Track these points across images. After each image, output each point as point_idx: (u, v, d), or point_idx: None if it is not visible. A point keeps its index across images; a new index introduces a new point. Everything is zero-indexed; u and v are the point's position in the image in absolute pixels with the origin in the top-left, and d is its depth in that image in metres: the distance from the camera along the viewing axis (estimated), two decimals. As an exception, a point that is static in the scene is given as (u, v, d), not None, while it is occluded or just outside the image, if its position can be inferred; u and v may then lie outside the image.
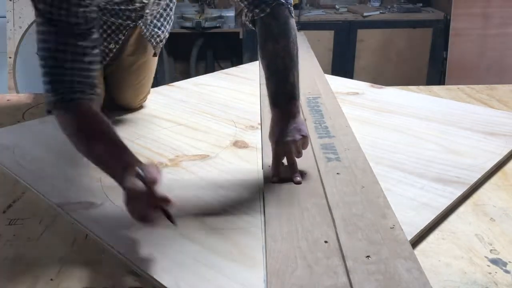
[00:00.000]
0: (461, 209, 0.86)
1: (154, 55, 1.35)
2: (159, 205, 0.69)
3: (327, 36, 3.25)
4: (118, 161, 0.76)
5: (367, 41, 3.33)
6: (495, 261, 0.72)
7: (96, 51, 0.87)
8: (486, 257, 0.73)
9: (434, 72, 3.42)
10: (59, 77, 0.84)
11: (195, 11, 3.46)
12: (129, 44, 1.28)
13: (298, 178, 0.89)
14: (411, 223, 0.78)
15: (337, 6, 3.43)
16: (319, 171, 0.93)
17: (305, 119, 1.19)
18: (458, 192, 0.88)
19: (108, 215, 0.81)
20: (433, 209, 0.82)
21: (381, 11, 3.35)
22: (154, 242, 0.73)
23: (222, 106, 1.37)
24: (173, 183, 0.92)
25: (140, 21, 1.23)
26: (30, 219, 0.84)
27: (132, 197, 0.70)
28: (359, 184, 0.88)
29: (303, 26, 3.08)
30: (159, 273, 0.66)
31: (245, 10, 0.98)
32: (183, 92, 1.52)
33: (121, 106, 1.33)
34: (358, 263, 0.66)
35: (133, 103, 1.34)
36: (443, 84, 3.21)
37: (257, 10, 0.95)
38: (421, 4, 3.41)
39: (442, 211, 0.82)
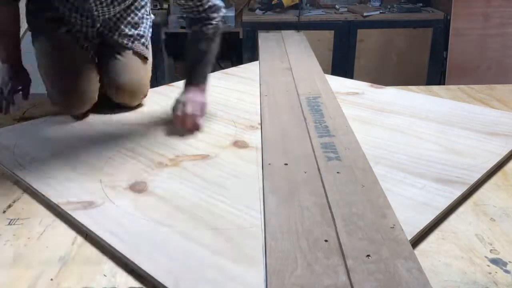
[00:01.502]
0: (461, 209, 0.86)
1: (145, 59, 1.39)
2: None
3: (327, 36, 3.25)
4: None
5: (367, 41, 3.33)
6: (495, 261, 0.72)
7: None
8: (486, 257, 0.73)
9: (434, 72, 3.42)
10: None
11: (195, 11, 3.45)
12: None
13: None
14: (411, 223, 0.78)
15: (337, 6, 3.43)
16: (319, 170, 0.93)
17: (305, 118, 1.19)
18: (458, 192, 0.88)
19: (108, 215, 0.81)
20: (433, 209, 0.82)
21: (381, 11, 3.35)
22: (154, 242, 0.73)
23: (222, 106, 1.37)
24: (173, 183, 0.92)
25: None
26: (30, 219, 0.84)
27: None
28: (359, 183, 0.88)
29: (303, 26, 3.08)
30: (159, 273, 0.66)
31: (186, 21, 1.29)
32: (183, 92, 1.51)
33: (120, 104, 1.34)
34: (358, 263, 0.66)
35: (132, 103, 1.35)
36: (443, 84, 3.21)
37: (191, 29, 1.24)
38: (421, 4, 3.41)
39: (442, 211, 0.82)
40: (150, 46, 1.45)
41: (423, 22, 3.32)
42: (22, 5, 1.31)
